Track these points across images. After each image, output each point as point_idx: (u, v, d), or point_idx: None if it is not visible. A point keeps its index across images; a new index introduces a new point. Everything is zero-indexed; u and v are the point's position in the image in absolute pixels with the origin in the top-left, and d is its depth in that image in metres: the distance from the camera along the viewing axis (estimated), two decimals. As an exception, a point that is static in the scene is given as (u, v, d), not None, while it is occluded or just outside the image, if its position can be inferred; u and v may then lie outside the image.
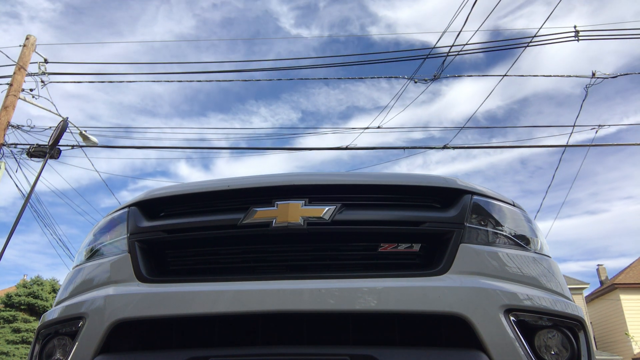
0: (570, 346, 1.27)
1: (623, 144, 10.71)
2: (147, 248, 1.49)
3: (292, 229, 1.38)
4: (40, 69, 9.64)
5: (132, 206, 1.61)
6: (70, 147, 9.72)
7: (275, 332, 1.36)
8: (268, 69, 9.71)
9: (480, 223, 1.45)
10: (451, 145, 9.61)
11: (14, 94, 9.06)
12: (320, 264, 1.41)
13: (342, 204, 1.42)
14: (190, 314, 1.28)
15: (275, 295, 1.26)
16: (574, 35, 8.77)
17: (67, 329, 1.43)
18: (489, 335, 1.20)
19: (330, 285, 1.27)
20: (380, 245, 1.41)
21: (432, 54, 9.09)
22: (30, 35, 9.61)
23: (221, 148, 12.57)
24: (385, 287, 1.26)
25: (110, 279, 1.46)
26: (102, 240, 1.65)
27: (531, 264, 1.42)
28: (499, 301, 1.25)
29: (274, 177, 1.57)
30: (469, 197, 1.48)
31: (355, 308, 1.24)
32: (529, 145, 10.71)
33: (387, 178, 1.55)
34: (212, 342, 1.37)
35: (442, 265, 1.32)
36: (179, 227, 1.48)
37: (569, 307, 1.34)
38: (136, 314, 1.32)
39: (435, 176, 1.59)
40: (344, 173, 1.71)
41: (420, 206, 1.49)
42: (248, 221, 1.40)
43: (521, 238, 1.50)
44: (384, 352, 1.18)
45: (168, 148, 10.25)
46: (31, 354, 1.48)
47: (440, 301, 1.23)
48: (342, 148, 9.80)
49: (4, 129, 8.84)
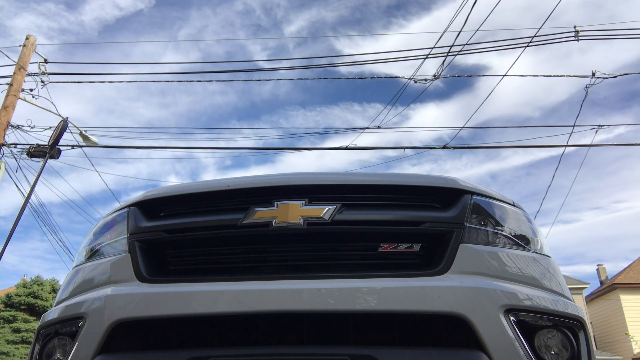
0: (570, 346, 1.27)
1: (623, 144, 10.71)
2: (147, 248, 1.49)
3: (292, 229, 1.38)
4: (40, 69, 9.65)
5: (132, 206, 1.61)
6: (70, 147, 9.72)
7: (275, 332, 1.35)
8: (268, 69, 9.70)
9: (481, 223, 1.45)
10: (451, 145, 9.61)
11: (14, 94, 9.06)
12: (320, 264, 1.41)
13: (342, 204, 1.42)
14: (190, 314, 1.28)
15: (275, 295, 1.26)
16: (574, 35, 8.77)
17: (67, 329, 1.43)
18: (489, 335, 1.20)
19: (330, 285, 1.27)
20: (380, 245, 1.41)
21: (432, 54, 9.09)
22: (30, 35, 9.61)
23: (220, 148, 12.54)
24: (385, 287, 1.26)
25: (110, 279, 1.46)
26: (102, 240, 1.65)
27: (531, 264, 1.42)
28: (499, 301, 1.25)
29: (273, 177, 1.57)
30: (469, 197, 1.48)
31: (355, 308, 1.23)
32: (529, 145, 10.72)
33: (387, 178, 1.55)
34: (212, 342, 1.37)
35: (442, 265, 1.32)
36: (179, 227, 1.48)
37: (569, 307, 1.34)
38: (136, 314, 1.31)
39: (436, 176, 1.59)
40: (344, 173, 1.71)
41: (420, 206, 1.49)
42: (248, 221, 1.40)
43: (521, 238, 1.50)
44: (384, 352, 1.18)
45: (168, 148, 10.25)
46: (31, 354, 1.48)
47: (440, 301, 1.23)
48: (342, 148, 9.81)
49: (4, 129, 8.84)
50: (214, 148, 10.97)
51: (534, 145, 10.49)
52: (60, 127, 5.67)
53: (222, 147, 10.69)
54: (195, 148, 11.20)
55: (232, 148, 12.17)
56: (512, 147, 10.99)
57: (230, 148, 12.18)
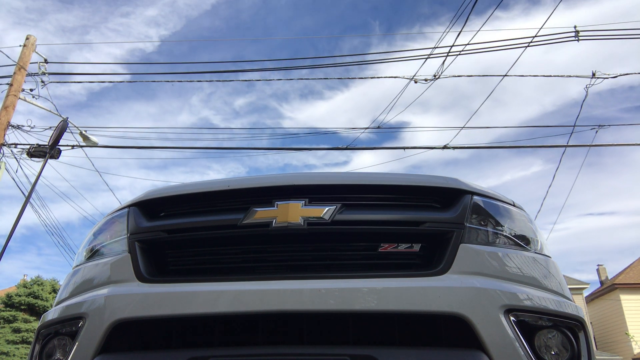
0: (570, 346, 1.27)
1: (623, 144, 10.70)
2: (147, 248, 1.49)
3: (292, 229, 1.38)
4: (40, 69, 9.65)
5: (132, 206, 1.61)
6: (71, 147, 9.72)
7: (275, 332, 1.36)
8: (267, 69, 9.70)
9: (481, 223, 1.45)
10: (451, 145, 9.61)
11: (14, 94, 9.06)
12: (321, 264, 1.41)
13: (342, 204, 1.42)
14: (191, 314, 1.28)
15: (276, 295, 1.26)
16: (574, 35, 8.77)
17: (67, 329, 1.43)
18: (489, 335, 1.20)
19: (330, 286, 1.27)
20: (381, 246, 1.41)
21: (433, 54, 9.09)
22: (30, 35, 9.61)
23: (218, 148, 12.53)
24: (385, 287, 1.26)
25: (110, 279, 1.46)
26: (102, 240, 1.65)
27: (531, 264, 1.42)
28: (499, 301, 1.25)
29: (274, 177, 1.57)
30: (469, 197, 1.48)
31: (356, 308, 1.23)
32: (529, 145, 10.72)
33: (387, 178, 1.55)
34: (212, 342, 1.37)
35: (442, 266, 1.32)
36: (179, 227, 1.48)
37: (569, 307, 1.34)
38: (136, 314, 1.32)
39: (436, 176, 1.59)
40: (344, 173, 1.71)
41: (420, 206, 1.49)
42: (248, 221, 1.40)
43: (521, 238, 1.50)
44: (384, 352, 1.18)
45: (168, 148, 10.25)
46: (31, 354, 1.48)
47: (440, 301, 1.23)
48: (342, 148, 9.80)
49: (4, 129, 8.84)
50: (215, 148, 10.97)
51: (534, 146, 10.49)
52: (60, 127, 5.67)
53: (222, 147, 10.69)
54: (195, 148, 11.20)
55: (232, 148, 12.17)
56: (512, 147, 10.99)
57: (231, 148, 12.18)
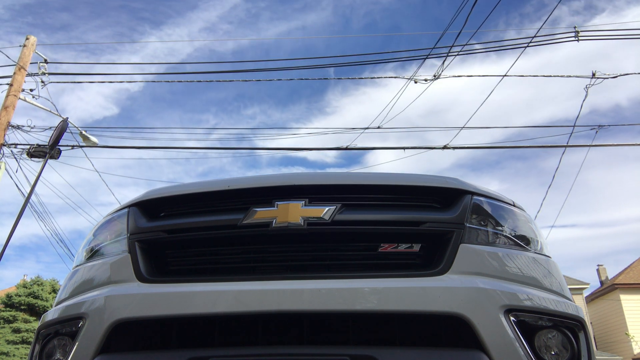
0: (570, 346, 1.27)
1: (623, 144, 10.70)
2: (147, 248, 1.49)
3: (292, 229, 1.37)
4: (40, 69, 9.64)
5: (132, 206, 1.61)
6: (71, 147, 9.72)
7: (275, 332, 1.36)
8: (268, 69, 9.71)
9: (481, 223, 1.45)
10: (451, 145, 9.60)
11: (14, 94, 9.06)
12: (321, 264, 1.41)
13: (342, 204, 1.42)
14: (191, 314, 1.28)
15: (276, 296, 1.26)
16: (574, 35, 8.77)
17: (67, 329, 1.43)
18: (489, 336, 1.20)
19: (330, 286, 1.27)
20: (381, 246, 1.41)
21: (433, 54, 9.08)
22: (30, 36, 9.60)
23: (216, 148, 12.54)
24: (385, 287, 1.26)
25: (110, 279, 1.46)
26: (102, 240, 1.65)
27: (531, 264, 1.42)
28: (499, 301, 1.25)
29: (274, 177, 1.57)
30: (469, 197, 1.48)
31: (356, 308, 1.23)
32: (529, 145, 10.72)
33: (387, 178, 1.55)
34: (212, 342, 1.37)
35: (442, 266, 1.32)
36: (179, 227, 1.48)
37: (569, 307, 1.34)
38: (136, 314, 1.31)
39: (436, 176, 1.59)
40: (344, 173, 1.71)
41: (420, 206, 1.49)
42: (248, 221, 1.40)
43: (521, 238, 1.50)
44: (384, 352, 1.18)
45: (168, 148, 10.24)
46: (31, 354, 1.48)
47: (440, 301, 1.23)
48: (342, 148, 9.80)
49: (4, 129, 8.84)
50: (214, 148, 10.96)
51: (534, 146, 10.49)
52: (60, 127, 5.67)
53: (222, 148, 10.70)
54: (195, 148, 11.21)
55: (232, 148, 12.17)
56: (512, 147, 10.99)
57: (231, 148, 12.17)
